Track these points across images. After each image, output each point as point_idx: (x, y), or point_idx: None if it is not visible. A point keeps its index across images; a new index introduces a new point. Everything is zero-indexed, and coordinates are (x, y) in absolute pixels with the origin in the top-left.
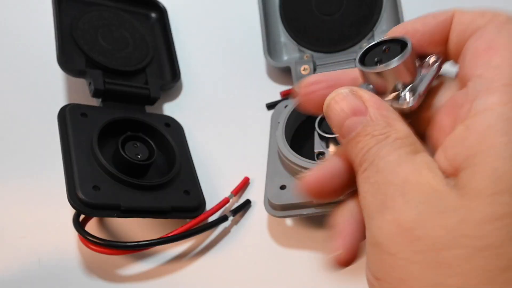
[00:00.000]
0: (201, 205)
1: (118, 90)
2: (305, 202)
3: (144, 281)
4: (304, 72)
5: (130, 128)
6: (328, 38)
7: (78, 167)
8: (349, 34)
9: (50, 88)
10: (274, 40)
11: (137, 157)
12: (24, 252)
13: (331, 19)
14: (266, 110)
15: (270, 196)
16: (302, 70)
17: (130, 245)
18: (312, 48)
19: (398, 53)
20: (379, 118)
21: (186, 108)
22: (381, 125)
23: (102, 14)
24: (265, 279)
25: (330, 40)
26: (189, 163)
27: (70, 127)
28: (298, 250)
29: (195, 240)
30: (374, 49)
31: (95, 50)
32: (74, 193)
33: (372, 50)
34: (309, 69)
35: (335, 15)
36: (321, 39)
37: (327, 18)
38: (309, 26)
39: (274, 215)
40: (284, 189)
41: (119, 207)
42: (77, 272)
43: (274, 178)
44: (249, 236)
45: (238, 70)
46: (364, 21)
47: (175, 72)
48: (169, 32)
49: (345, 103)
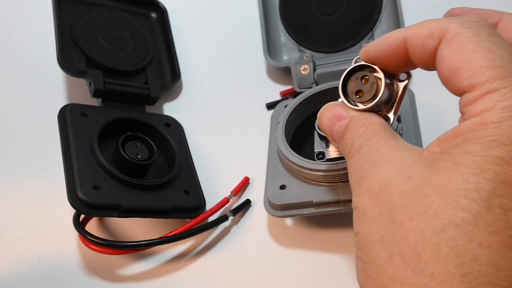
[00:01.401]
0: (201, 205)
1: (118, 90)
2: (305, 201)
3: (144, 281)
4: (304, 72)
5: (130, 128)
6: (328, 38)
7: (78, 167)
8: (349, 34)
9: (50, 88)
10: (274, 40)
11: (137, 157)
12: (24, 252)
13: (331, 19)
14: (266, 110)
15: (270, 196)
16: (302, 70)
17: (130, 245)
18: (312, 48)
19: (375, 84)
20: (358, 117)
21: (186, 108)
22: (361, 121)
23: (102, 14)
24: (265, 279)
25: (330, 40)
26: (189, 163)
27: (70, 127)
28: (298, 250)
29: (195, 240)
30: (355, 73)
31: (95, 50)
32: (74, 193)
33: (353, 75)
34: (309, 69)
35: (335, 15)
36: (321, 39)
37: (327, 18)
38: (309, 26)
39: (274, 215)
40: (284, 189)
41: (119, 207)
42: (77, 272)
43: (274, 178)
44: (249, 236)
45: (238, 70)
46: (364, 21)
47: (175, 72)
48: (169, 32)
49: (330, 112)
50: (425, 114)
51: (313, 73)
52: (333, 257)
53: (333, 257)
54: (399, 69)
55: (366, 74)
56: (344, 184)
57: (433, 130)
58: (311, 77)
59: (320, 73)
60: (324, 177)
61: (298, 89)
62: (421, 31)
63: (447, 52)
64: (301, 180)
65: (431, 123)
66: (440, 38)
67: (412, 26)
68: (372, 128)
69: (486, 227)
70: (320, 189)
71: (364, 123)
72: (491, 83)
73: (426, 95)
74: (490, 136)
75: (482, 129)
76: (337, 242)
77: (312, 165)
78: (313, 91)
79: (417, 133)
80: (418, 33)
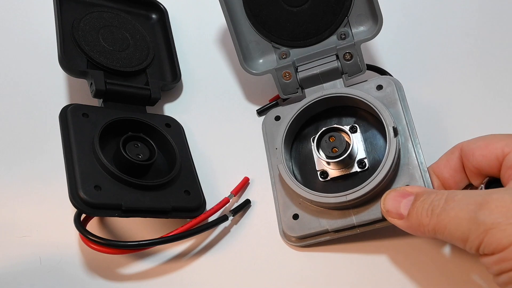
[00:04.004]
0: (201, 205)
1: (119, 90)
2: (321, 230)
3: (145, 280)
4: (287, 79)
5: (131, 128)
6: (301, 31)
7: (80, 167)
8: (324, 23)
9: (52, 88)
10: (245, 40)
11: (138, 157)
12: (25, 251)
13: (301, 10)
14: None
15: (285, 228)
16: (283, 76)
17: (131, 245)
18: (286, 44)
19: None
20: (422, 189)
21: (186, 109)
22: (428, 190)
23: (103, 15)
24: (265, 278)
25: (304, 32)
26: (190, 163)
27: (71, 127)
28: (298, 249)
29: (195, 239)
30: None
31: (96, 51)
32: (76, 192)
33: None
34: (291, 75)
35: (304, 6)
36: (294, 33)
37: (296, 9)
38: (280, 21)
39: (293, 245)
40: (297, 219)
41: (120, 207)
42: (78, 271)
43: (285, 208)
44: (249, 235)
45: (238, 71)
46: (337, 8)
47: (176, 73)
48: (169, 33)
49: (393, 192)
50: (419, 113)
51: (296, 78)
52: (333, 256)
53: (333, 257)
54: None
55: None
56: (355, 210)
57: (429, 130)
58: (295, 82)
59: (303, 77)
60: (335, 206)
61: (284, 95)
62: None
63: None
64: (313, 208)
65: (425, 123)
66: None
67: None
68: (444, 191)
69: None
70: (333, 215)
71: (432, 191)
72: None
73: (420, 95)
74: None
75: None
76: (336, 241)
77: (323, 199)
78: (302, 107)
79: (414, 138)
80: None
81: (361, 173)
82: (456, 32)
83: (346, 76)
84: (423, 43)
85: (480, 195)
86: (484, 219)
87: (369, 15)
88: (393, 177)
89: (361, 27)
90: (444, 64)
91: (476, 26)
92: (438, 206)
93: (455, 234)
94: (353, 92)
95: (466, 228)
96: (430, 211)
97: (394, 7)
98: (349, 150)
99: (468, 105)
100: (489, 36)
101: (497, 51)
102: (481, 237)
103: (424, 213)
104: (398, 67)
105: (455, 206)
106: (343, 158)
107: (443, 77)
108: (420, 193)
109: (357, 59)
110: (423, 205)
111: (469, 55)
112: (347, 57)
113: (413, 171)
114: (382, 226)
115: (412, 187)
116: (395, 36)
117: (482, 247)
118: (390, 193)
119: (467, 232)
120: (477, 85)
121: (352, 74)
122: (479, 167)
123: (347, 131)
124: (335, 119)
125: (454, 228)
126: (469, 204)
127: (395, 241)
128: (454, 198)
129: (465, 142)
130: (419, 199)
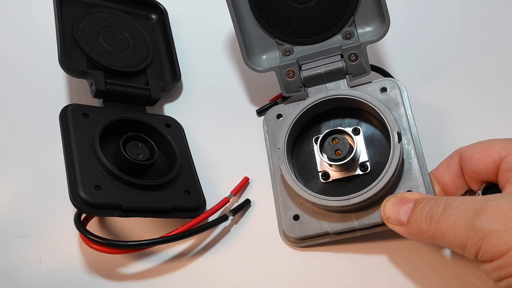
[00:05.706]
0: (202, 205)
1: (119, 90)
2: (321, 232)
3: (145, 280)
4: (290, 77)
5: (131, 128)
6: (306, 28)
7: (80, 166)
8: (329, 22)
9: (52, 88)
10: (249, 35)
11: (138, 157)
12: (26, 251)
13: (307, 7)
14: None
15: (285, 229)
16: (287, 74)
17: (131, 244)
18: (291, 41)
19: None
20: (422, 195)
21: (186, 109)
22: (428, 197)
23: (103, 15)
24: (265, 278)
25: (309, 29)
26: (190, 163)
27: (72, 127)
28: (298, 249)
29: (195, 239)
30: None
31: (96, 51)
32: (76, 192)
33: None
34: (294, 73)
35: (310, 3)
36: (299, 30)
37: (302, 6)
38: (285, 17)
39: (292, 245)
40: (297, 220)
41: (120, 207)
42: (78, 271)
43: (285, 209)
44: (248, 235)
45: (238, 70)
46: (344, 6)
47: (176, 73)
48: (169, 33)
49: (393, 198)
50: (422, 116)
51: (299, 77)
52: (333, 257)
53: (333, 257)
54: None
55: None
56: (356, 213)
57: (432, 134)
58: (298, 80)
59: (307, 76)
60: (337, 209)
61: (286, 93)
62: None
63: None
64: (314, 209)
65: (427, 124)
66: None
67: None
68: (442, 197)
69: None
70: (334, 217)
71: (431, 197)
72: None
73: (423, 98)
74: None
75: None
76: (336, 242)
77: (325, 202)
78: (307, 106)
79: (417, 142)
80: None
81: (363, 176)
82: (460, 36)
83: (350, 76)
84: (426, 46)
85: (477, 201)
86: (481, 226)
87: (376, 16)
88: (396, 182)
89: (367, 27)
90: (448, 67)
91: (481, 30)
92: (437, 213)
93: (453, 241)
94: (360, 95)
95: (464, 235)
96: (429, 218)
97: (398, 9)
98: (352, 153)
99: (472, 109)
100: (494, 41)
101: (502, 56)
102: (478, 244)
103: (423, 220)
104: (400, 69)
105: (453, 213)
106: (346, 161)
107: (447, 81)
108: (419, 199)
109: (362, 60)
110: (422, 212)
111: (474, 59)
112: (352, 58)
113: (416, 175)
114: (383, 230)
115: (411, 193)
116: (398, 38)
117: (480, 253)
118: (390, 200)
119: (465, 239)
120: (482, 90)
121: (356, 75)
122: (477, 172)
123: (350, 133)
124: (338, 120)
125: (452, 235)
126: (467, 211)
127: (395, 242)
128: (452, 205)
129: (464, 147)
130: (418, 205)
